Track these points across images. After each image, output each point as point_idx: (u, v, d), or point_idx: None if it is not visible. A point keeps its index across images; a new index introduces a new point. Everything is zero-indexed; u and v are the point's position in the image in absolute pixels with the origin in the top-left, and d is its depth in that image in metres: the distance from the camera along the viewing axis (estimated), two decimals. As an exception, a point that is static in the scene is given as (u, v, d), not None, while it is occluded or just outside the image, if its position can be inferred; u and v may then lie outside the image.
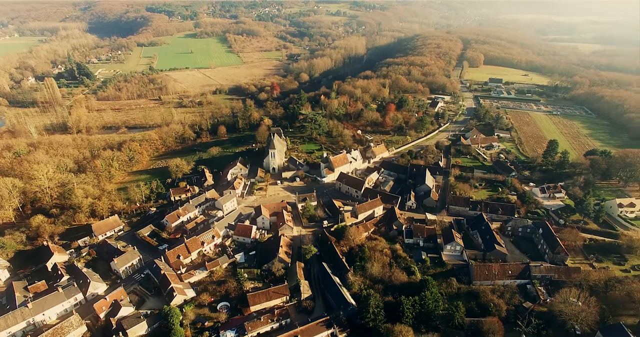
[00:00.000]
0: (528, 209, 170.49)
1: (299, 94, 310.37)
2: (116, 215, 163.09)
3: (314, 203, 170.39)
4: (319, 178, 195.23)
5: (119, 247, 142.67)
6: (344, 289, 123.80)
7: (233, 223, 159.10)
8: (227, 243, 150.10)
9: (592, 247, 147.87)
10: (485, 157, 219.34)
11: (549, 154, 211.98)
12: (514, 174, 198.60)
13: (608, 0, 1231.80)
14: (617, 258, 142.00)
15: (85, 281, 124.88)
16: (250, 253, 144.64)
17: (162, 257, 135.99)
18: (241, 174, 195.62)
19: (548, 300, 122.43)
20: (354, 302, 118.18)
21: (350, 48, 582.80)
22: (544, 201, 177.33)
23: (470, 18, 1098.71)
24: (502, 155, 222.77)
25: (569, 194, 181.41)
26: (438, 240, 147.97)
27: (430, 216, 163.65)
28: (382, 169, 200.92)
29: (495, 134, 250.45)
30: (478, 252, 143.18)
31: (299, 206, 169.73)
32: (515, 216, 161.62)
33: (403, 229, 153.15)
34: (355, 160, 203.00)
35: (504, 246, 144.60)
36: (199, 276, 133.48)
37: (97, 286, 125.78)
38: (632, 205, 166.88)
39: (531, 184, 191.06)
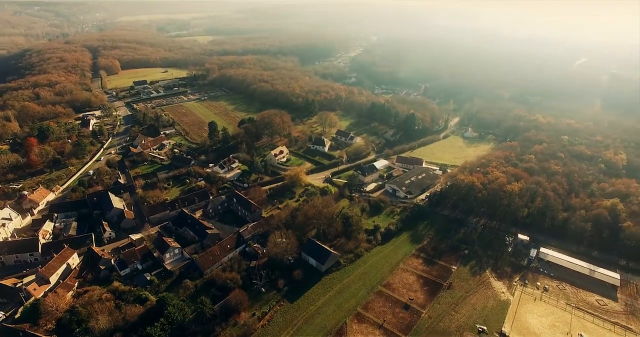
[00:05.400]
0: (218, 187, 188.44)
1: None
2: None
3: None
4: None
5: None
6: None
7: None
8: None
9: (273, 194, 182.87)
10: (161, 157, 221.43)
11: (213, 135, 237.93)
12: (193, 162, 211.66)
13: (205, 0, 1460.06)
14: (289, 194, 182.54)
15: None
16: None
17: None
18: None
19: (265, 251, 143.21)
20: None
21: None
22: (226, 175, 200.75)
23: (87, 24, 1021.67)
24: (176, 150, 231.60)
25: (241, 161, 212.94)
26: (154, 254, 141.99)
27: (135, 236, 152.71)
28: (55, 214, 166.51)
29: (162, 132, 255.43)
30: (196, 244, 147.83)
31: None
32: (210, 197, 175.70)
33: (113, 263, 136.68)
34: (11, 219, 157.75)
35: (213, 227, 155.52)
36: None
37: None
38: (281, 152, 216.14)
39: (211, 165, 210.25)
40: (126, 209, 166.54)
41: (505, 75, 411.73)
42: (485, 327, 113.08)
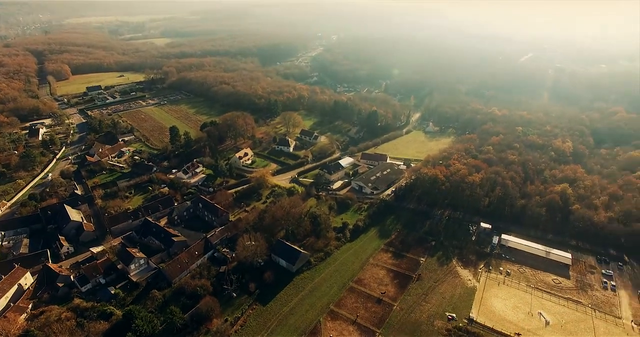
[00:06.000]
0: (182, 193, 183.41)
1: None
2: None
3: None
4: None
5: None
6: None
7: None
8: None
9: (240, 197, 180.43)
10: (121, 165, 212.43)
11: (175, 140, 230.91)
12: (155, 169, 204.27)
13: (159, 1, 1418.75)
14: (256, 196, 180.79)
15: None
16: None
17: None
18: None
19: (234, 255, 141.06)
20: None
21: None
22: (190, 180, 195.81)
23: (30, 26, 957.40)
24: (136, 157, 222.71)
25: (206, 166, 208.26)
26: (118, 266, 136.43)
27: (96, 249, 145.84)
28: (2, 233, 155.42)
29: (120, 139, 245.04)
30: (162, 253, 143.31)
31: None
32: (175, 204, 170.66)
33: (73, 279, 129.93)
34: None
35: (180, 234, 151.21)
36: None
37: None
38: (246, 154, 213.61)
39: (174, 170, 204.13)
40: (85, 221, 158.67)
41: (462, 71, 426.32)
42: (454, 315, 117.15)
